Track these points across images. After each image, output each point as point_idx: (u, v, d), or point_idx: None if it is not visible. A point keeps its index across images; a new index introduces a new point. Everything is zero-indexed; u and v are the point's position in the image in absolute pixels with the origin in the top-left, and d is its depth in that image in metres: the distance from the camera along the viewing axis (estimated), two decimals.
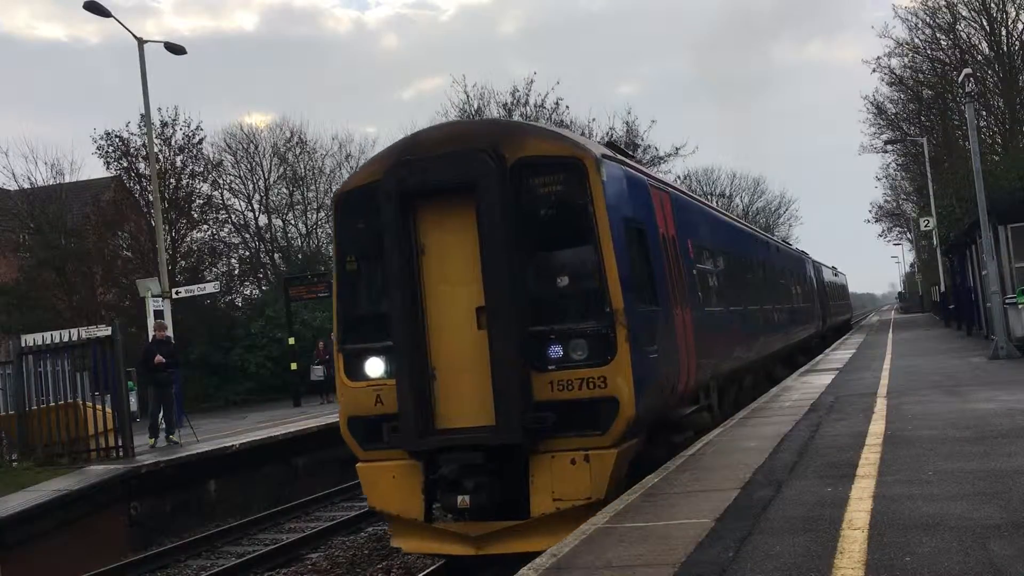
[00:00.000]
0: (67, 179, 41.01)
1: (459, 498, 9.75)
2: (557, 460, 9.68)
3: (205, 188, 41.91)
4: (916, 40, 49.65)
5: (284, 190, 51.16)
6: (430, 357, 10.09)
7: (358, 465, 10.64)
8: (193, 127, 39.95)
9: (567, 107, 39.64)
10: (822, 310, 37.11)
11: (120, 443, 17.83)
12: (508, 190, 9.77)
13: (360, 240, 10.64)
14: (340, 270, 10.87)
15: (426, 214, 10.20)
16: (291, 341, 32.60)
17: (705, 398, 13.82)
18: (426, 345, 10.09)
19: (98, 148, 38.38)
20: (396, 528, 10.76)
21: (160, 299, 25.39)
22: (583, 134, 27.75)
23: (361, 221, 10.55)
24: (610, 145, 13.00)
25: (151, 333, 22.02)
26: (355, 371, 10.56)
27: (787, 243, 39.55)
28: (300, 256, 48.04)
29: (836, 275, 52.88)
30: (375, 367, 10.42)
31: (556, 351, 9.71)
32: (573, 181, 9.86)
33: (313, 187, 51.28)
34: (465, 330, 9.99)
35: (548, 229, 9.92)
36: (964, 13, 47.54)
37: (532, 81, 46.75)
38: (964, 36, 48.39)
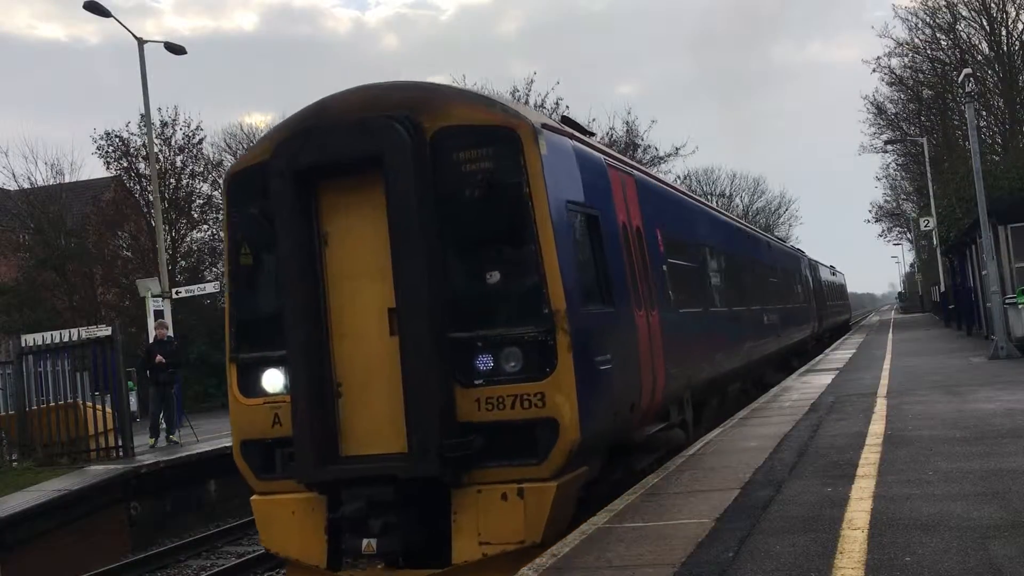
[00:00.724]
0: (67, 179, 41.05)
1: (364, 541, 8.10)
2: (485, 495, 8.07)
3: (205, 188, 41.84)
4: (916, 40, 49.78)
5: None
6: (333, 369, 8.50)
7: (252, 499, 8.99)
8: (193, 127, 39.90)
9: (567, 107, 39.73)
10: (818, 311, 35.69)
11: (120, 443, 17.83)
12: (426, 166, 8.20)
13: (255, 228, 8.87)
14: (233, 264, 9.23)
15: (330, 196, 8.62)
16: None
17: (678, 413, 12.08)
18: (328, 354, 8.50)
19: (98, 148, 38.38)
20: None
21: (160, 299, 25.38)
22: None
23: (256, 205, 8.78)
24: (566, 120, 11.14)
25: (151, 333, 22.02)
26: (250, 385, 8.93)
27: (781, 240, 38.22)
28: None
29: (834, 274, 52.39)
30: (273, 380, 8.78)
31: (485, 362, 8.12)
32: (505, 155, 8.21)
33: None
34: (376, 336, 8.39)
35: (475, 213, 8.24)
36: (964, 13, 47.62)
37: (532, 81, 46.87)
38: (964, 36, 48.49)
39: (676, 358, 11.51)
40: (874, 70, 52.41)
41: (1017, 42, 46.94)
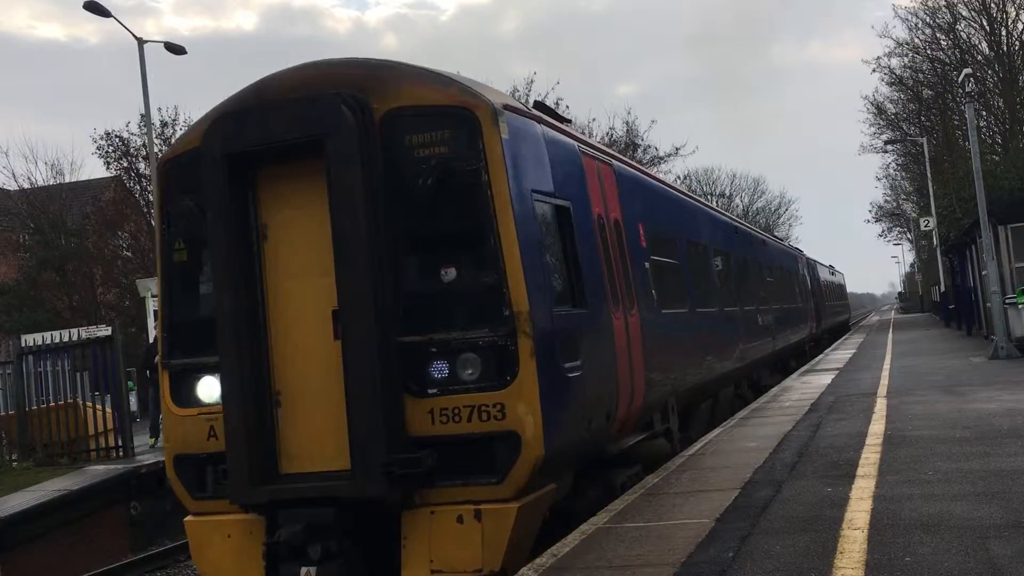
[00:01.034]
0: (67, 179, 41.11)
1: (303, 570, 7.31)
2: (439, 517, 7.25)
3: None
4: (916, 40, 49.80)
5: None
6: (272, 377, 7.75)
7: (186, 520, 8.14)
8: None
9: (567, 107, 39.74)
10: (816, 311, 34.75)
11: (120, 443, 17.82)
12: (374, 151, 7.45)
13: (190, 221, 8.08)
14: (166, 260, 8.39)
15: (269, 185, 7.84)
16: None
17: (662, 421, 11.22)
18: (267, 360, 7.75)
19: (98, 148, 38.44)
20: None
21: None
22: (583, 133, 27.30)
23: (191, 196, 8.00)
24: (539, 105, 10.15)
25: (151, 333, 22.03)
26: (183, 394, 8.13)
27: (778, 238, 36.78)
28: None
29: (833, 274, 51.88)
30: (209, 389, 7.96)
31: (439, 369, 7.35)
32: (462, 139, 7.46)
33: None
34: (320, 340, 7.61)
35: (428, 204, 7.46)
36: (964, 13, 47.63)
37: (532, 81, 46.82)
38: (964, 36, 48.50)
39: (659, 363, 10.76)
40: (874, 70, 52.49)
41: (1017, 42, 46.96)
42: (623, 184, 10.84)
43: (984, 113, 45.98)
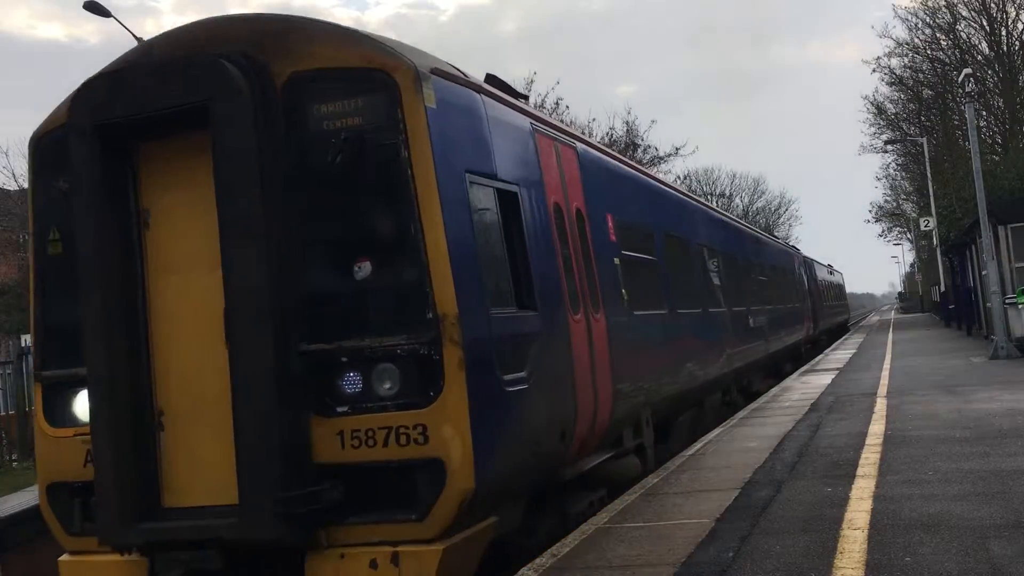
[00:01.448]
0: None
1: None
2: (349, 561, 6.12)
3: None
4: (916, 40, 49.80)
5: None
6: (154, 392, 6.55)
7: (61, 560, 6.88)
8: None
9: (567, 107, 39.67)
10: (814, 312, 33.57)
11: None
12: (274, 122, 6.31)
13: (66, 208, 6.77)
14: (38, 255, 7.16)
15: (153, 163, 6.66)
16: None
17: (633, 436, 10.06)
18: (147, 373, 6.55)
19: None
20: None
21: None
22: (583, 134, 26.87)
23: (68, 177, 6.70)
24: (491, 79, 8.77)
25: None
26: (58, 411, 6.93)
27: (773, 236, 35.01)
28: None
29: (831, 273, 51.17)
30: (86, 406, 6.58)
31: (351, 383, 6.23)
32: (378, 108, 6.31)
33: None
34: (212, 349, 6.34)
35: (339, 186, 6.37)
36: (964, 13, 47.65)
37: (532, 81, 46.71)
38: (964, 36, 48.52)
39: (630, 371, 9.62)
40: (874, 70, 52.45)
41: (1017, 42, 46.98)
42: (588, 169, 9.68)
43: (984, 113, 45.99)
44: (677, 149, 46.22)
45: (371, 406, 6.18)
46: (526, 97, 9.14)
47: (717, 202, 74.82)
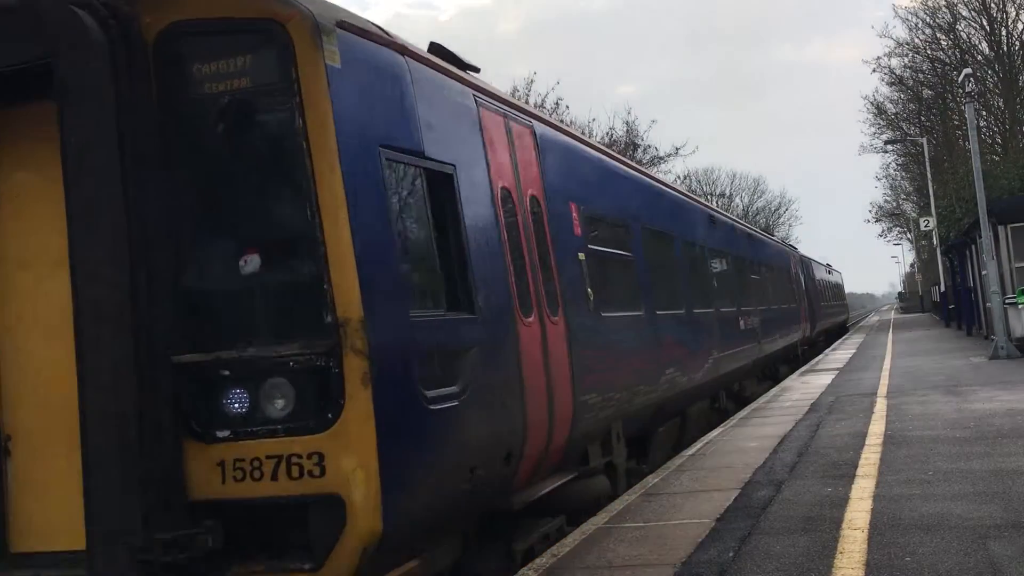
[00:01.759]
0: None
1: None
2: None
3: None
4: (916, 40, 49.89)
5: None
6: None
7: None
8: None
9: (567, 107, 39.71)
10: (810, 312, 32.51)
11: None
12: (141, 82, 5.22)
13: None
14: None
15: None
16: None
17: (601, 453, 9.02)
18: None
19: None
20: None
21: None
22: (583, 134, 26.72)
23: None
24: (436, 48, 7.56)
25: None
26: None
27: (768, 234, 33.32)
28: None
29: (830, 273, 50.45)
30: None
31: (236, 401, 5.20)
32: (269, 66, 5.26)
33: None
34: (68, 361, 5.21)
35: (221, 161, 5.40)
36: (964, 13, 47.72)
37: (532, 81, 46.84)
38: (964, 36, 48.59)
39: (597, 380, 8.58)
40: (874, 70, 52.68)
41: (1017, 42, 47.03)
42: (549, 152, 8.57)
43: (984, 113, 46.03)
44: (677, 149, 46.35)
45: (258, 430, 5.14)
46: (477, 70, 7.95)
47: (717, 202, 74.83)
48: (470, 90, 7.27)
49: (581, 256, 8.88)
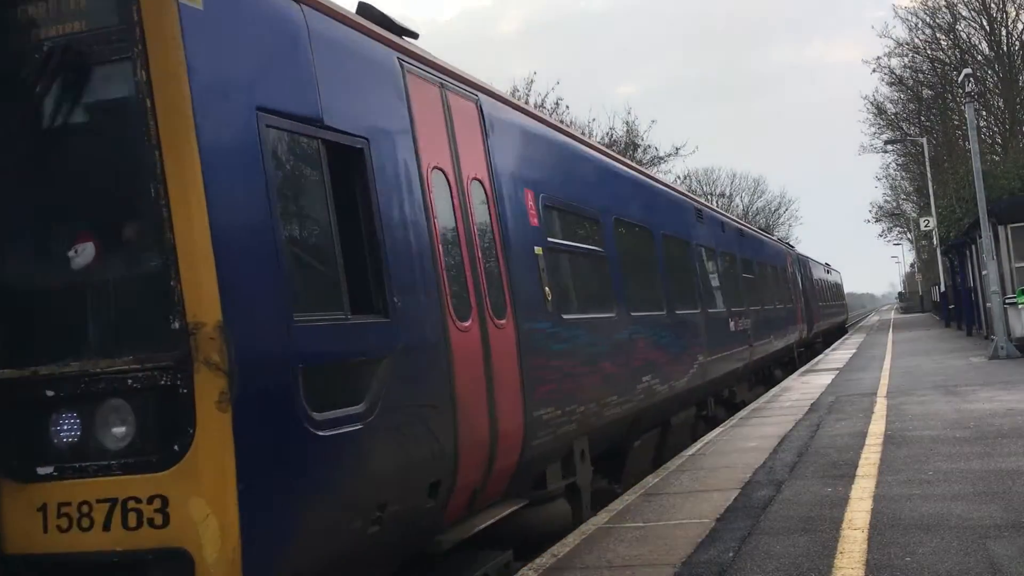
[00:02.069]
0: None
1: None
2: None
3: None
4: (916, 40, 49.87)
5: None
6: None
7: None
8: None
9: (567, 107, 39.72)
10: (807, 313, 31.20)
11: None
12: None
13: None
14: None
15: None
16: None
17: (564, 476, 8.05)
18: None
19: None
20: None
21: None
22: (583, 134, 26.56)
23: None
24: (364, 9, 6.49)
25: None
26: None
27: (763, 231, 31.27)
28: None
29: (828, 272, 49.57)
30: None
31: (65, 428, 4.23)
32: (106, 10, 4.34)
33: None
34: None
35: (47, 126, 4.42)
36: (964, 13, 47.71)
37: (532, 81, 46.85)
38: (964, 36, 48.58)
39: (555, 392, 7.55)
40: (874, 70, 52.70)
41: (1017, 42, 47.01)
42: (499, 130, 7.50)
43: (984, 113, 46.04)
44: (677, 149, 46.36)
45: (89, 466, 4.11)
46: (414, 35, 6.86)
47: (717, 202, 74.81)
48: (394, 52, 6.14)
49: (538, 250, 7.80)
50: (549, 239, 8.16)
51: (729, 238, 18.43)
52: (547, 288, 7.81)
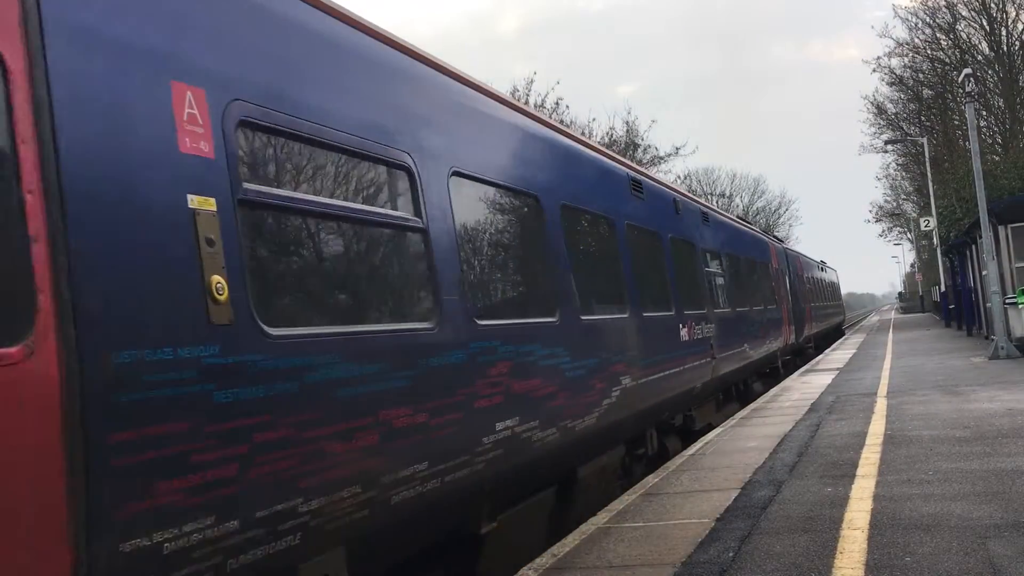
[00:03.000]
0: None
1: None
2: None
3: None
4: (916, 40, 49.90)
5: None
6: None
7: None
8: None
9: (567, 107, 39.78)
10: (796, 315, 27.60)
11: None
12: None
13: None
14: None
15: None
16: None
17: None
18: None
19: None
20: None
21: None
22: (583, 134, 26.49)
23: None
24: None
25: None
26: None
27: (741, 219, 25.44)
28: None
29: (823, 270, 45.70)
30: None
31: None
32: None
33: None
34: None
35: None
36: (964, 13, 47.73)
37: (532, 81, 46.87)
38: (964, 36, 48.59)
39: (214, 489, 3.79)
40: (874, 70, 52.85)
41: (1017, 42, 47.02)
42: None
43: (984, 113, 46.05)
44: (677, 149, 46.39)
45: None
46: None
47: (717, 202, 74.78)
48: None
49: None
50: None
51: (687, 222, 14.37)
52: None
